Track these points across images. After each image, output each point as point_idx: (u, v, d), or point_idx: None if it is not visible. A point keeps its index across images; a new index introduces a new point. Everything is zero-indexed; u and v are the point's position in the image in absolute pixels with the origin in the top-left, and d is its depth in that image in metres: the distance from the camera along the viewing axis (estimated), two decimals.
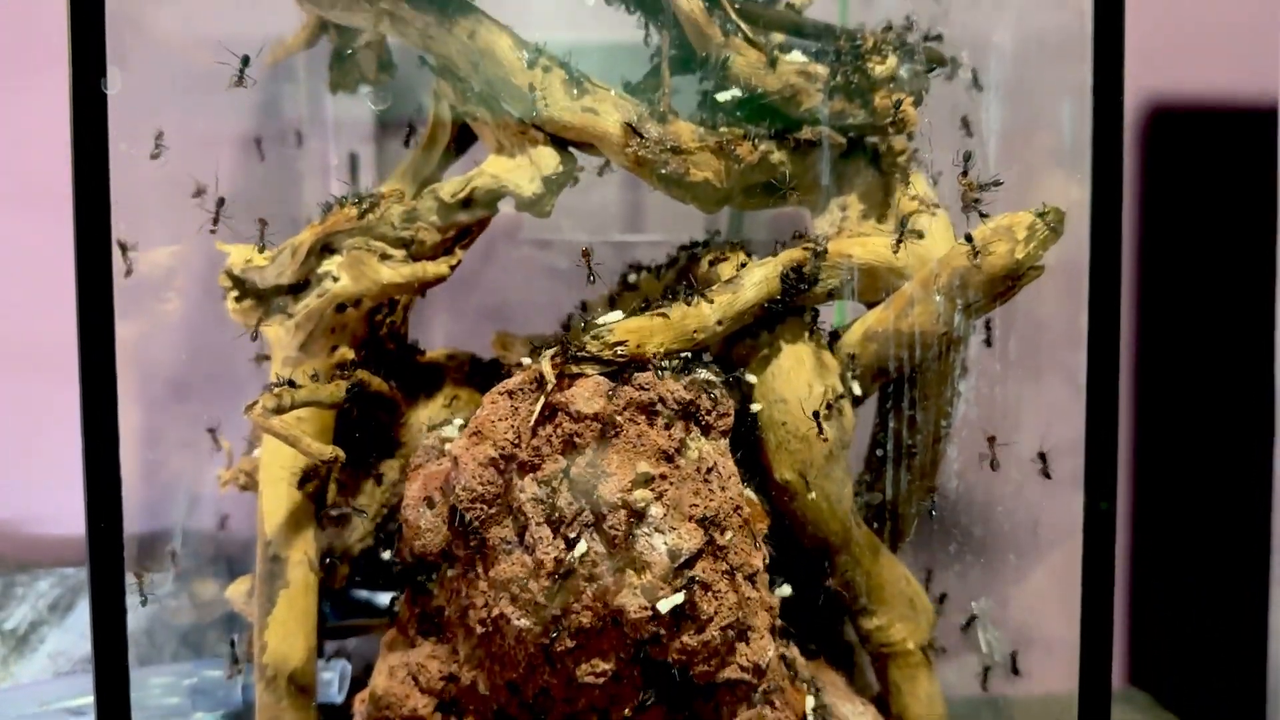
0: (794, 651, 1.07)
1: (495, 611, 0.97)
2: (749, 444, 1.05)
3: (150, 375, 1.16)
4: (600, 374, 0.97)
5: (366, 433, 1.16)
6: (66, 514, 1.61)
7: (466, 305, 1.50)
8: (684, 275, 1.14)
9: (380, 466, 1.18)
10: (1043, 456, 1.06)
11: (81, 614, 1.56)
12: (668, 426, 0.96)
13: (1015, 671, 1.13)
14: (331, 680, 1.20)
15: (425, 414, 1.19)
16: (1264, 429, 1.30)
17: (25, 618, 1.54)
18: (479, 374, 1.24)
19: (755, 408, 1.04)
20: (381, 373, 1.13)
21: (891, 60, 1.03)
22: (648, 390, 0.96)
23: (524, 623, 0.95)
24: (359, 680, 1.17)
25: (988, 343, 1.08)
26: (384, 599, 1.34)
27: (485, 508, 0.97)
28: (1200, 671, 1.57)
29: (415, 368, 1.22)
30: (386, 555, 1.12)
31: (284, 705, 1.03)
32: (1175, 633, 1.60)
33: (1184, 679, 1.57)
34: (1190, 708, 1.49)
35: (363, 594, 1.34)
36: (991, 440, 1.07)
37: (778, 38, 1.08)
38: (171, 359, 1.19)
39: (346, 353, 1.09)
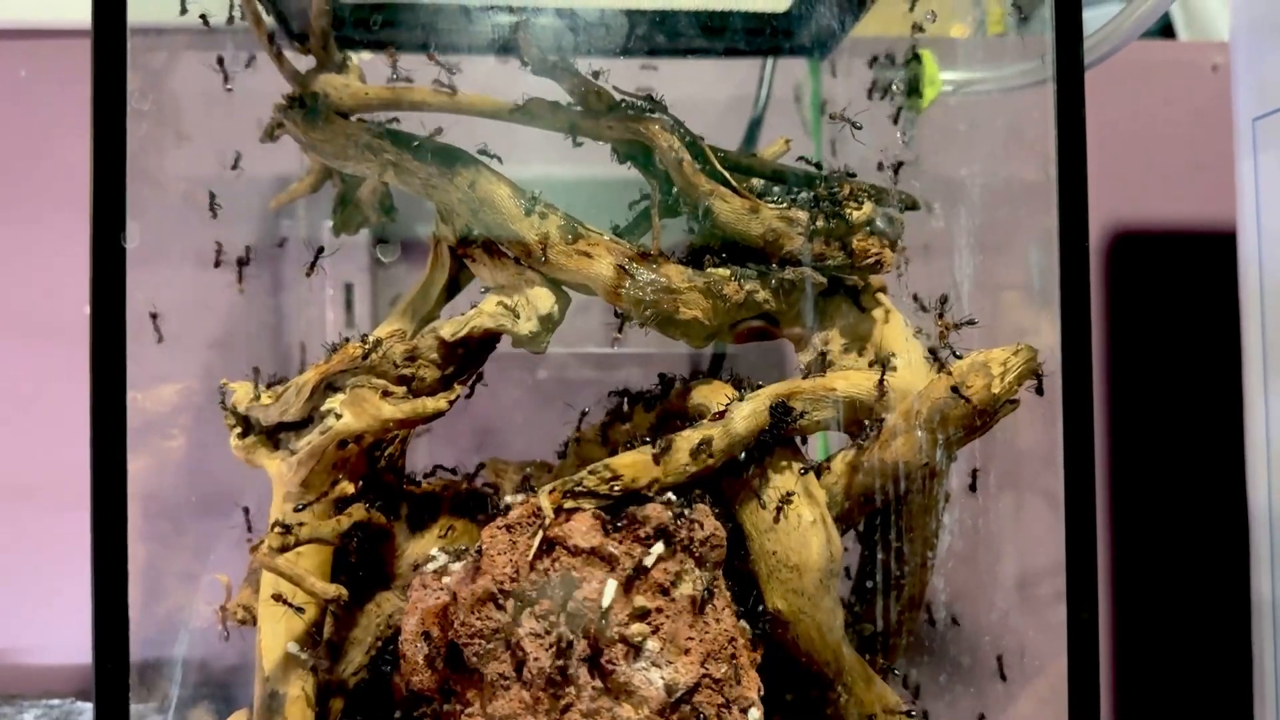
0: None
1: None
2: (741, 574, 1.07)
3: (153, 510, 1.18)
4: (597, 508, 1.00)
5: (364, 565, 1.18)
6: (53, 644, 1.61)
7: (454, 428, 1.53)
8: (674, 406, 1.18)
9: (376, 598, 1.20)
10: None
11: None
12: (663, 560, 0.98)
13: None
14: None
15: (421, 545, 1.21)
16: (1238, 547, 1.34)
17: None
18: (474, 504, 1.27)
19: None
20: (379, 505, 1.16)
21: (867, 206, 1.10)
22: (643, 524, 0.99)
23: None
24: None
25: (972, 488, 1.11)
26: None
27: (483, 642, 0.99)
28: None
29: (412, 499, 1.25)
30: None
31: None
32: None
33: None
34: None
35: None
36: None
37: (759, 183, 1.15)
38: (174, 493, 1.21)
39: (347, 487, 1.11)
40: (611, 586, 0.96)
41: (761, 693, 1.01)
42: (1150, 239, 1.72)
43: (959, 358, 1.04)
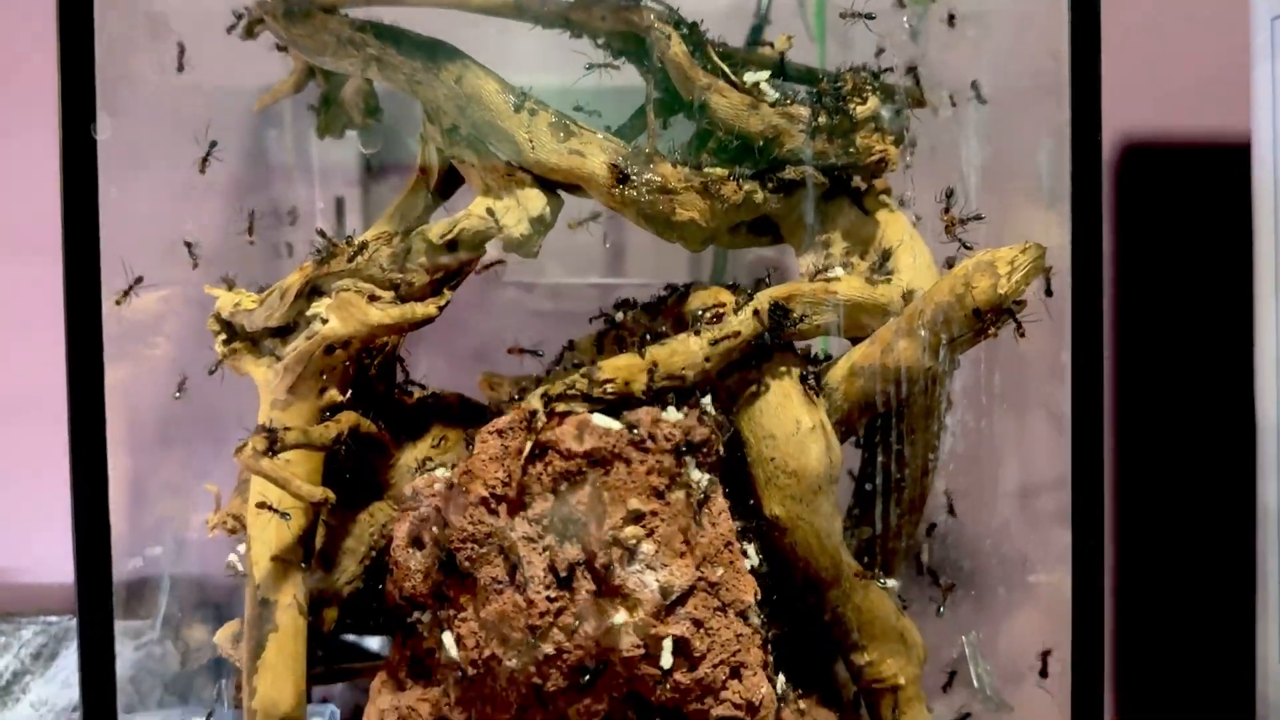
0: (787, 689, 1.07)
1: (486, 652, 0.97)
2: (738, 480, 1.05)
3: (138, 420, 1.16)
4: (590, 411, 0.97)
5: (355, 474, 1.16)
6: (50, 562, 1.60)
7: (452, 347, 1.51)
8: (671, 314, 1.15)
9: (369, 508, 1.18)
10: None
11: (65, 663, 1.54)
12: (658, 463, 0.96)
13: (1043, 673, 1.11)
14: None
15: (414, 455, 1.19)
16: (1245, 460, 1.32)
17: (8, 667, 1.52)
18: (467, 414, 1.24)
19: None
20: (370, 414, 1.13)
21: (872, 101, 1.05)
22: (637, 427, 0.96)
23: (515, 663, 0.95)
24: None
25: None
26: (374, 643, 1.34)
27: (475, 547, 0.98)
28: (1188, 708, 1.57)
29: (404, 408, 1.22)
30: None
31: None
32: (1163, 669, 1.61)
33: (1172, 716, 1.57)
34: None
35: (351, 638, 1.34)
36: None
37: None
38: (159, 403, 1.19)
39: (335, 394, 1.09)
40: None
41: (758, 596, 0.99)
42: (1161, 151, 1.67)
43: (969, 249, 1.01)
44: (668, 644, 0.92)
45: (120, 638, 1.52)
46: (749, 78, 1.05)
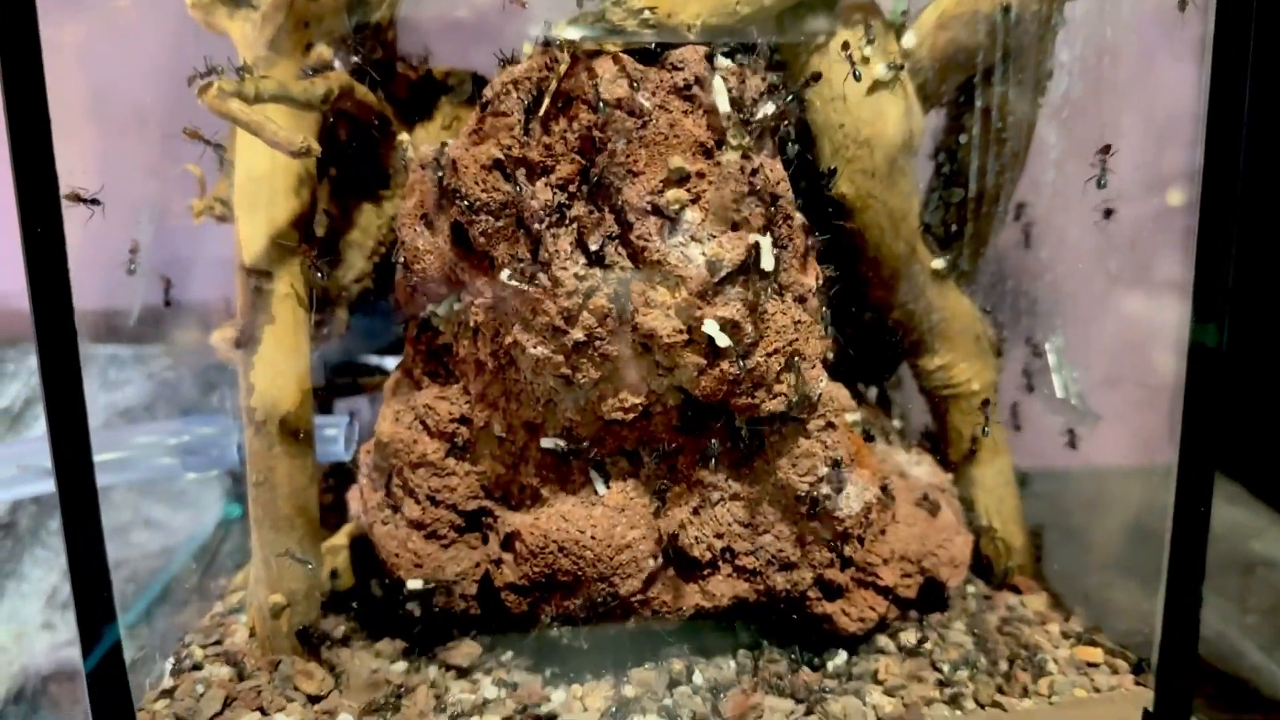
0: (843, 392, 0.95)
1: (508, 340, 0.84)
2: (801, 159, 0.89)
3: (103, 91, 1.00)
4: (624, 52, 0.80)
5: (358, 155, 1.02)
6: None
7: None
8: None
9: (375, 197, 1.04)
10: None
11: None
12: (707, 115, 0.80)
13: None
14: (336, 437, 1.10)
15: (422, 136, 1.04)
16: None
17: (19, 395, 1.44)
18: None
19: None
20: (367, 81, 0.97)
21: None
22: (682, 70, 0.79)
23: (540, 351, 0.83)
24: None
25: None
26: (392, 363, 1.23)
27: (491, 220, 0.83)
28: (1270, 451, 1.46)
29: (409, 84, 1.06)
30: None
31: (276, 452, 0.92)
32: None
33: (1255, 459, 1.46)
34: (1261, 484, 1.38)
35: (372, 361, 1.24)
36: None
37: None
38: (130, 73, 1.03)
39: (324, 51, 0.92)
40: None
41: (820, 281, 0.85)
42: None
43: None
44: (712, 325, 0.79)
45: (131, 364, 1.44)
46: None
